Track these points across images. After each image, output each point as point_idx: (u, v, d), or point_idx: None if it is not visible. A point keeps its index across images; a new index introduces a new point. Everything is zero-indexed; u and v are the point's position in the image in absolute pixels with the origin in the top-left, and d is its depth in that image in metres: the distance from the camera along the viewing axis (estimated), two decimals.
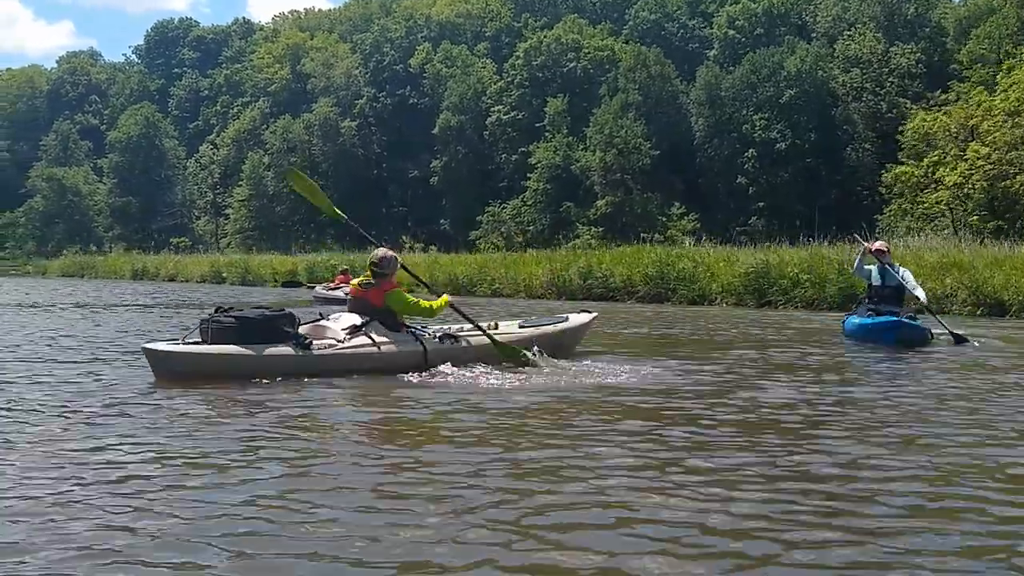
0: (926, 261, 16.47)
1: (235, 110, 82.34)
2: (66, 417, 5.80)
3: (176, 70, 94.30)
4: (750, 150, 50.95)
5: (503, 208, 56.89)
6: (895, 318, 10.56)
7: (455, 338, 8.48)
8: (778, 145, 49.91)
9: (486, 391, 7.00)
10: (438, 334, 8.41)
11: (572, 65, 60.17)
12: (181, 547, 3.43)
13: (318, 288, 23.81)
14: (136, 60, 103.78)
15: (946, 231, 23.60)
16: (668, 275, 19.87)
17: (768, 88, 51.06)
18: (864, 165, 49.63)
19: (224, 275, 37.53)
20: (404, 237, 58.35)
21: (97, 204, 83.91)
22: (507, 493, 4.11)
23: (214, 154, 79.73)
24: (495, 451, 4.91)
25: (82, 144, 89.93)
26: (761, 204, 50.19)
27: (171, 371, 7.31)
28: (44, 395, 6.69)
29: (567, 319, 9.79)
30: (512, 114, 60.77)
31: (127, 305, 20.65)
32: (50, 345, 10.53)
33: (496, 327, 9.02)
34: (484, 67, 66.21)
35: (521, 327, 9.31)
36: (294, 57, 78.55)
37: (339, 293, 21.35)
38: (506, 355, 8.38)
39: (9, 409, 6.06)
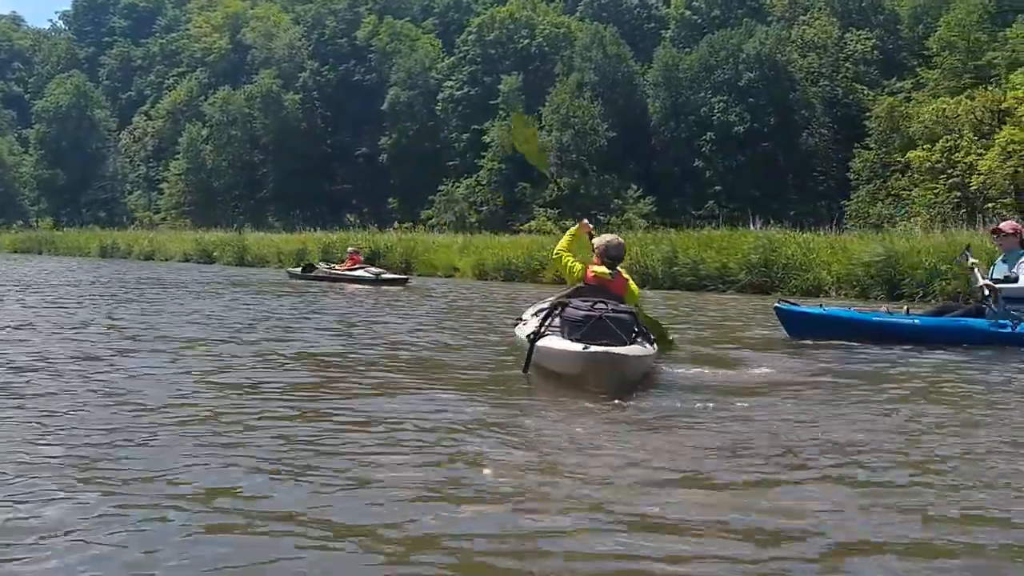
0: None
1: (170, 81, 79.39)
2: None
3: (107, 38, 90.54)
4: (708, 133, 50.41)
5: (456, 187, 55.61)
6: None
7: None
8: (736, 128, 49.41)
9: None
10: None
11: (526, 42, 58.98)
12: None
13: (322, 267, 22.53)
14: (63, 27, 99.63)
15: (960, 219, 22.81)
16: (775, 263, 17.72)
17: (726, 71, 50.53)
18: (821, 150, 49.55)
19: (214, 254, 34.99)
20: (349, 215, 56.92)
21: (22, 176, 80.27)
22: None
23: (148, 126, 76.86)
24: None
25: (5, 113, 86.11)
26: (718, 188, 49.71)
27: (629, 379, 6.07)
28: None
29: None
30: (464, 90, 59.47)
31: (220, 287, 18.66)
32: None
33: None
34: (431, 43, 64.85)
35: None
36: (233, 27, 75.88)
37: (361, 274, 20.64)
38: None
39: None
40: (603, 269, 7.14)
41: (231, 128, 66.97)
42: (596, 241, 7.44)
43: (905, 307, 9.96)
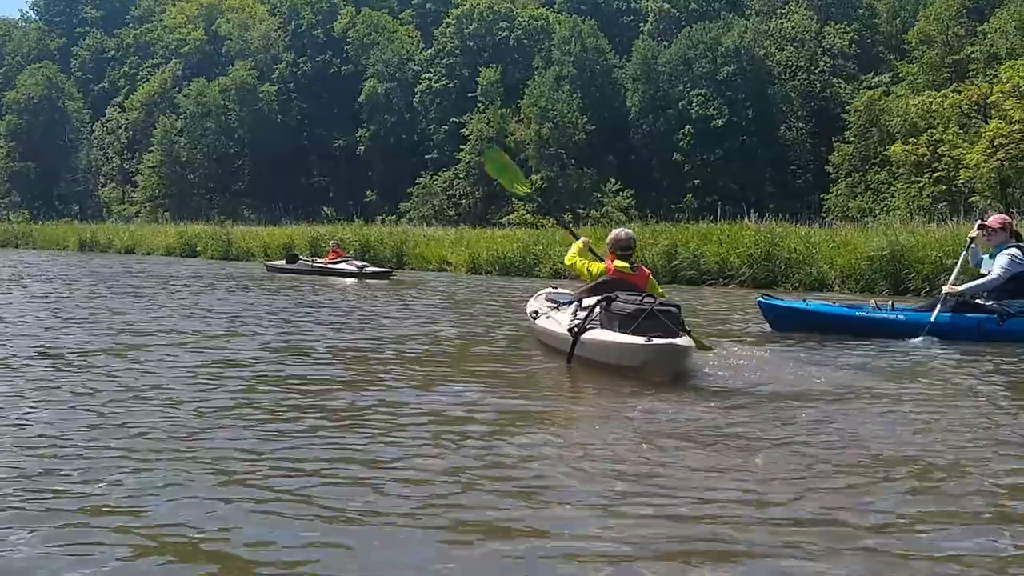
0: None
1: (144, 72, 78.57)
2: None
3: (79, 29, 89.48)
4: (686, 127, 50.55)
5: (434, 180, 55.47)
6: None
7: None
8: (714, 122, 49.61)
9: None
10: None
11: (505, 35, 58.92)
12: None
13: (302, 260, 22.55)
14: (34, 17, 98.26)
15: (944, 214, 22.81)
16: (777, 257, 17.38)
17: (705, 64, 50.71)
18: (798, 144, 49.88)
19: (198, 248, 34.65)
20: (325, 208, 56.53)
21: None
22: None
23: (121, 118, 76.05)
24: None
25: None
26: (696, 182, 49.87)
27: (684, 369, 6.36)
28: None
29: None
30: (442, 82, 59.35)
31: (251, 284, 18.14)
32: None
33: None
34: (409, 35, 64.62)
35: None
36: (208, 18, 75.23)
37: (346, 266, 20.70)
38: None
39: None
40: (624, 264, 7.31)
41: (206, 120, 66.39)
42: (608, 238, 7.62)
43: (890, 302, 9.87)
